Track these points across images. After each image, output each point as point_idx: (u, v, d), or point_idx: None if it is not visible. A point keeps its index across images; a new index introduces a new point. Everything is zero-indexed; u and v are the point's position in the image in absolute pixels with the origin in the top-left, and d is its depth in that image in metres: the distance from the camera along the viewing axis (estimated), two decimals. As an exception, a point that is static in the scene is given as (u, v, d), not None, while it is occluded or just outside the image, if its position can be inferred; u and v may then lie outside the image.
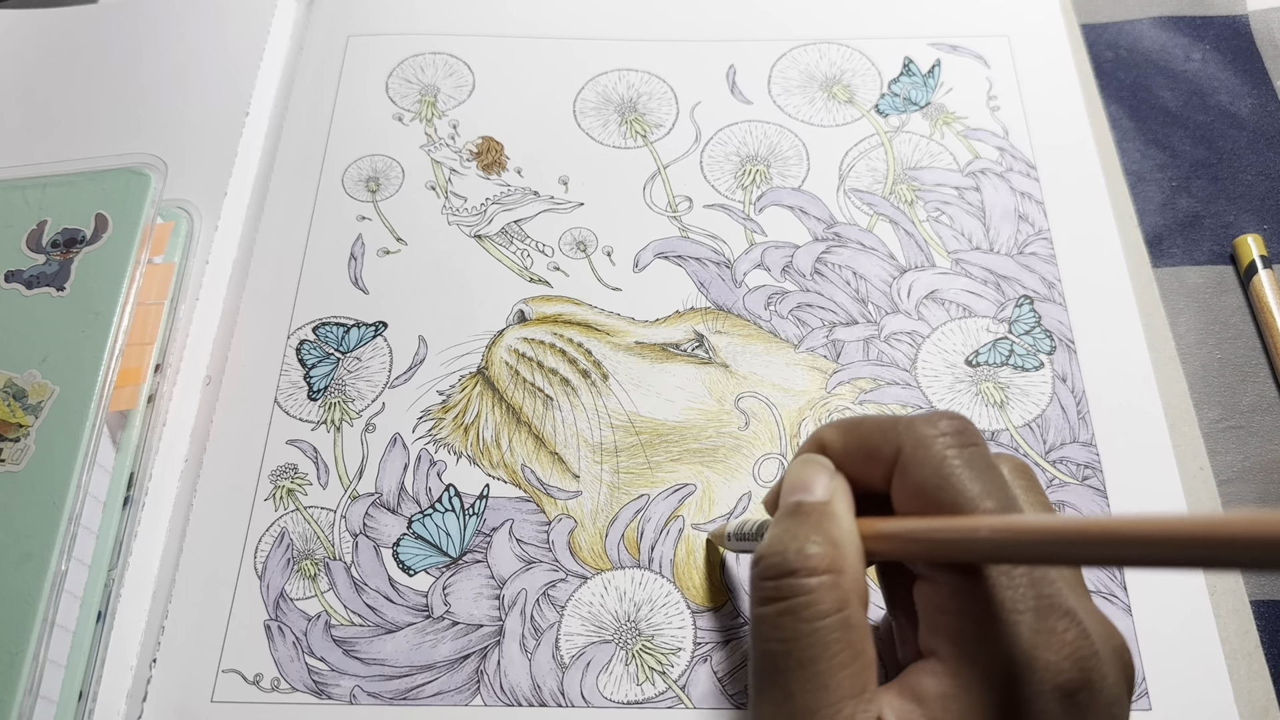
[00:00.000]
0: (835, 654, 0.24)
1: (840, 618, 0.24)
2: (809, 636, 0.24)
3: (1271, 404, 0.39)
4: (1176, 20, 0.48)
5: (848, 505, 0.26)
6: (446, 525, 0.36)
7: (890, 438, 0.26)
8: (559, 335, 0.40)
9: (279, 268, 0.42)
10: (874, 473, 0.27)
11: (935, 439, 0.25)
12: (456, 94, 0.47)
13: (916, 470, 0.25)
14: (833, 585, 0.24)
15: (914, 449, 0.25)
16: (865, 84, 0.46)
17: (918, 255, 0.42)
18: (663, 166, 0.44)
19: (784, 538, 0.25)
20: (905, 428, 0.26)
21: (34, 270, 0.39)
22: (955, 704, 0.23)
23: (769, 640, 0.24)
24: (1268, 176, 0.44)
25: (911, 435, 0.26)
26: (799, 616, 0.24)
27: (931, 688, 0.24)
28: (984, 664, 0.23)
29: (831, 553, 0.25)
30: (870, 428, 0.27)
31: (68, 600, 0.33)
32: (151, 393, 0.38)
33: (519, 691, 0.34)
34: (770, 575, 0.25)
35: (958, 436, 0.25)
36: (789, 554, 0.25)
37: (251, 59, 0.47)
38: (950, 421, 0.26)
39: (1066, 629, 0.23)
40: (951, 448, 0.25)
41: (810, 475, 0.27)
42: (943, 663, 0.24)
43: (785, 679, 0.24)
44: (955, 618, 0.24)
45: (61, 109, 0.46)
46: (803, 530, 0.25)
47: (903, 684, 0.24)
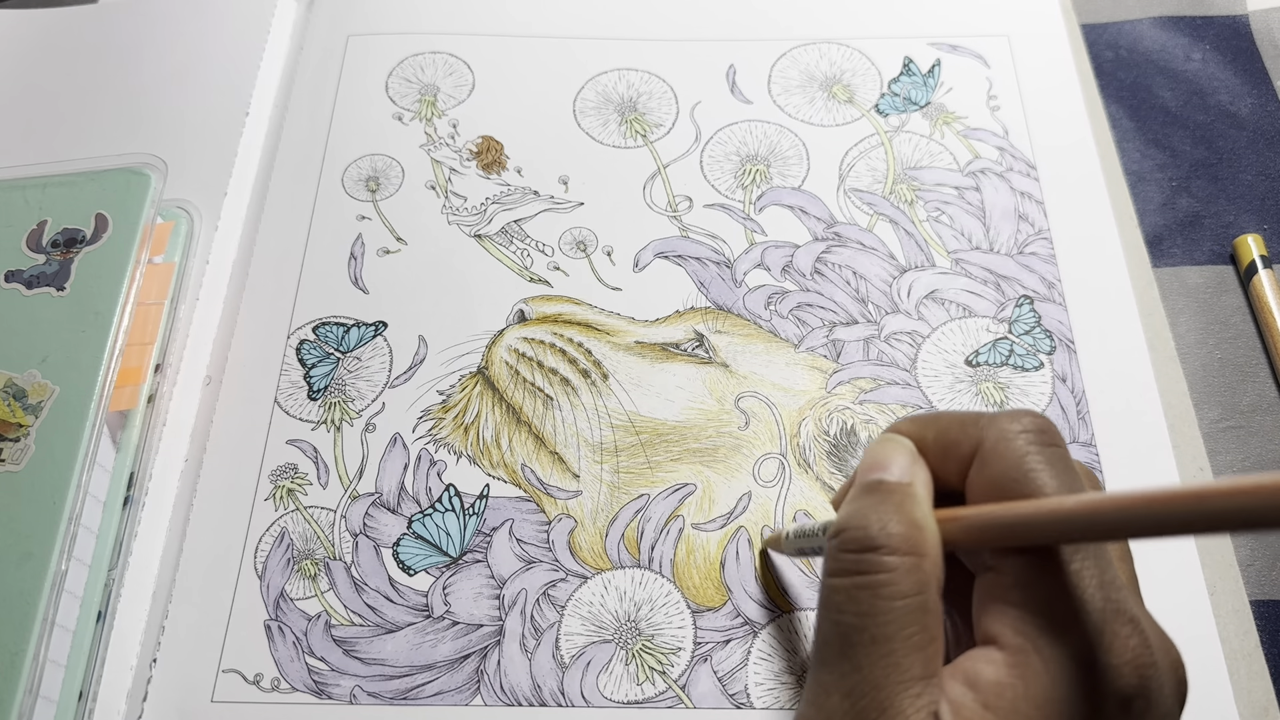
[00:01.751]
0: (911, 635, 0.23)
1: (919, 600, 0.24)
2: (886, 614, 0.24)
3: (1271, 404, 0.39)
4: (1176, 20, 0.48)
5: (928, 489, 0.26)
6: (446, 525, 0.36)
7: (970, 432, 0.26)
8: (559, 335, 0.40)
9: (279, 268, 0.42)
10: (949, 467, 0.26)
11: (1018, 434, 0.25)
12: (456, 93, 0.47)
13: (996, 464, 0.25)
14: (914, 567, 0.24)
15: (995, 443, 0.25)
16: (865, 84, 0.46)
17: (918, 255, 0.42)
18: (663, 166, 0.44)
19: (866, 512, 0.25)
20: (988, 422, 0.26)
21: (34, 270, 0.39)
22: (1010, 692, 0.23)
23: (843, 612, 0.24)
24: (1268, 176, 0.44)
25: (994, 429, 0.25)
26: (878, 593, 0.24)
27: (988, 674, 0.23)
28: (1044, 657, 0.23)
29: (914, 534, 0.24)
30: (949, 421, 0.27)
31: (68, 600, 0.33)
32: (151, 393, 0.38)
33: (519, 691, 0.34)
34: (851, 548, 0.25)
35: (1040, 434, 0.25)
36: (872, 529, 0.24)
37: (251, 59, 0.47)
38: (1034, 419, 0.25)
39: (1130, 635, 0.23)
40: (1034, 444, 0.25)
41: (890, 454, 0.27)
42: (1002, 651, 0.24)
43: (856, 653, 0.24)
44: (1018, 609, 0.24)
45: (61, 109, 0.46)
46: (885, 508, 0.25)
47: (958, 669, 0.24)
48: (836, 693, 0.24)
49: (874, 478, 0.26)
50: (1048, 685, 0.23)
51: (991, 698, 0.23)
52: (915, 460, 0.27)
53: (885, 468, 0.26)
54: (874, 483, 0.26)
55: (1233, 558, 0.35)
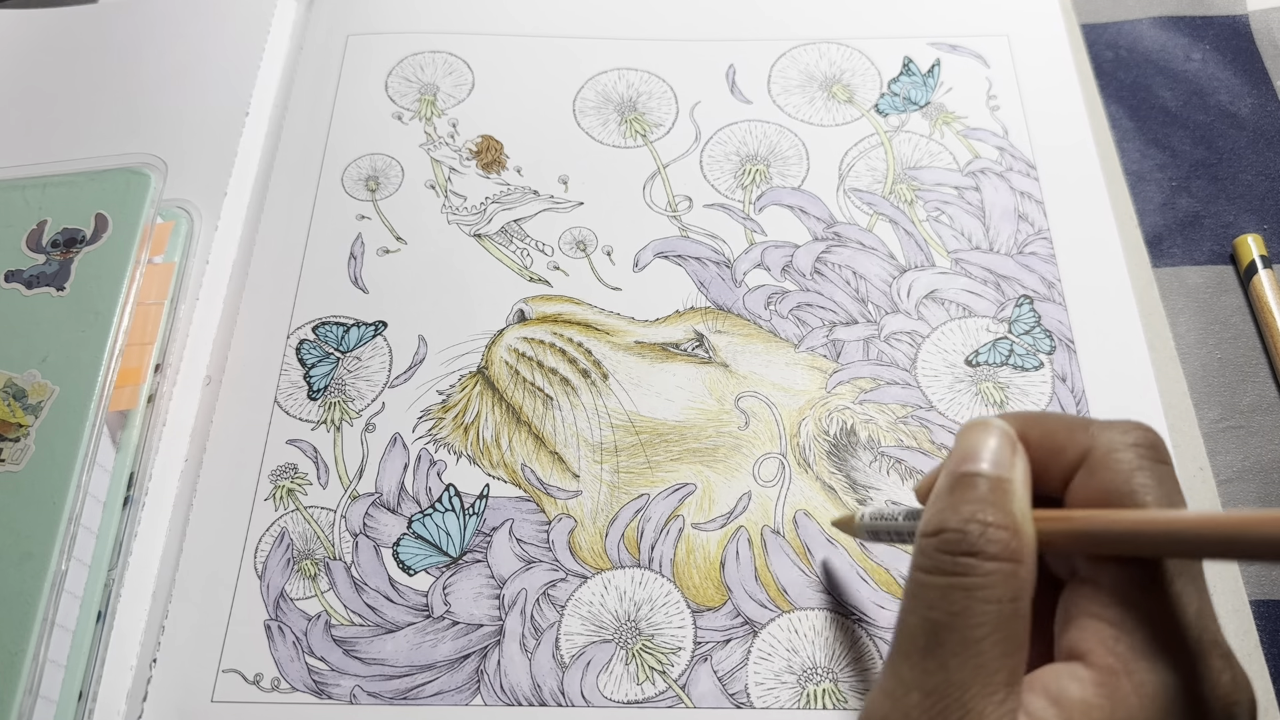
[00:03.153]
0: (1001, 640, 0.23)
1: (1014, 606, 0.23)
2: (979, 616, 0.23)
3: (1271, 404, 0.39)
4: (1176, 20, 0.48)
5: (1027, 484, 0.25)
6: (446, 525, 0.36)
7: (1078, 438, 0.25)
8: (559, 335, 0.40)
9: (279, 267, 0.42)
10: (1051, 471, 0.26)
11: (1130, 446, 0.24)
12: (456, 93, 0.47)
13: (1105, 474, 0.24)
14: (1011, 574, 0.23)
15: (1106, 452, 0.24)
16: (865, 83, 0.46)
17: (917, 255, 0.42)
18: (662, 166, 0.44)
19: (965, 512, 0.24)
20: (1099, 430, 0.25)
21: (34, 270, 0.39)
22: (1096, 714, 0.22)
23: (934, 609, 0.23)
24: (1268, 176, 0.44)
25: (1105, 438, 0.25)
26: (973, 595, 0.23)
27: (1073, 691, 0.22)
28: (1135, 681, 0.22)
29: (1013, 541, 0.24)
30: (1057, 423, 0.26)
31: (68, 600, 0.33)
32: (151, 393, 0.38)
33: (519, 691, 0.34)
34: (949, 550, 0.24)
35: (1152, 450, 0.24)
36: (972, 534, 0.24)
37: (251, 59, 0.47)
38: (1147, 433, 0.25)
39: (1223, 670, 0.22)
40: (1146, 459, 0.24)
41: (985, 442, 0.25)
42: (1090, 670, 0.23)
43: (943, 651, 0.23)
44: (1113, 627, 0.23)
45: (61, 109, 0.46)
46: (984, 507, 0.24)
47: (1039, 682, 0.23)
48: (917, 690, 0.23)
49: (968, 469, 0.25)
50: (1135, 709, 0.22)
51: (1077, 715, 0.22)
52: (1014, 449, 0.25)
53: (980, 457, 0.25)
54: (969, 475, 0.25)
55: (1232, 558, 0.35)
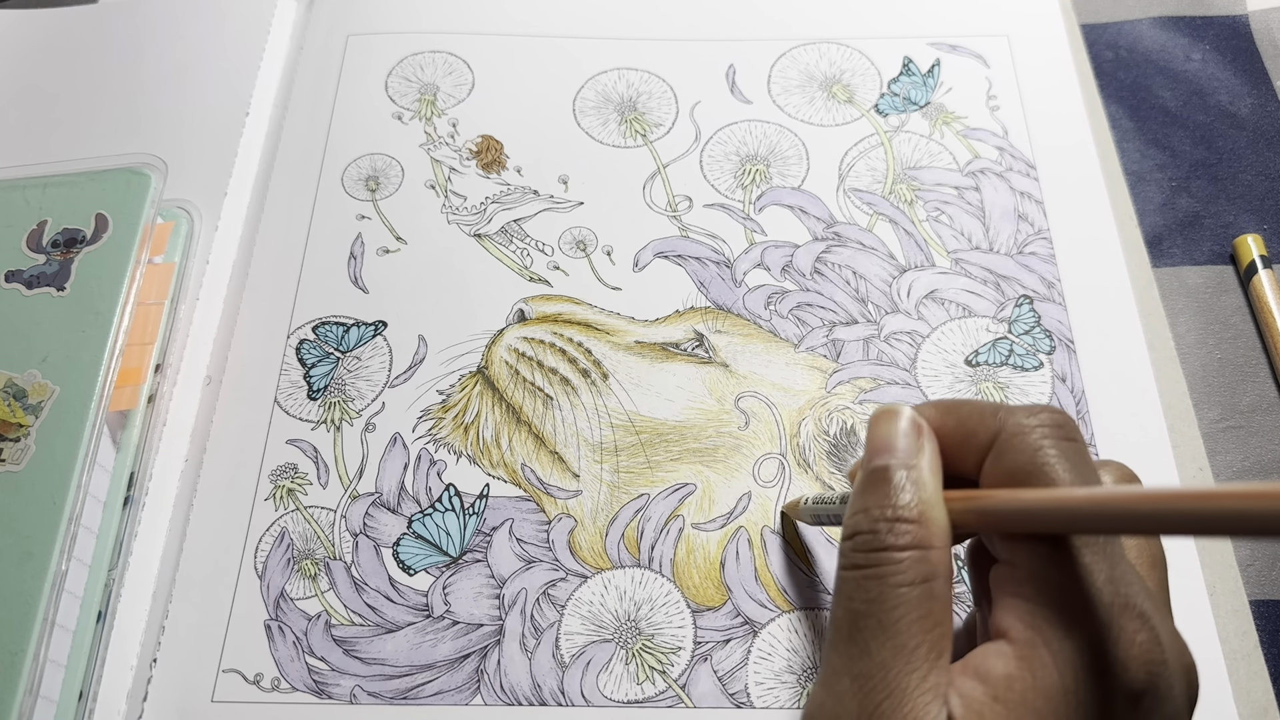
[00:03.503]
0: (916, 618, 0.24)
1: (925, 588, 0.24)
2: (892, 599, 0.24)
3: (1271, 404, 0.39)
4: (1176, 20, 0.48)
5: (935, 469, 0.26)
6: (446, 525, 0.37)
7: (988, 423, 0.26)
8: (559, 334, 0.40)
9: (279, 267, 0.42)
10: (968, 457, 0.27)
11: (1034, 428, 0.25)
12: (456, 92, 0.47)
13: (1011, 456, 0.25)
14: (921, 559, 0.25)
15: (1011, 435, 0.25)
16: (865, 83, 0.46)
17: (917, 255, 0.42)
18: (662, 166, 0.44)
19: (874, 513, 0.25)
20: (1005, 414, 0.26)
21: (34, 270, 0.39)
22: (1019, 684, 0.23)
23: (853, 599, 0.25)
24: (1268, 176, 0.44)
25: (1011, 422, 0.26)
26: (885, 582, 0.24)
27: (998, 668, 0.24)
28: (1053, 650, 0.23)
29: (920, 531, 0.25)
30: (969, 411, 0.27)
31: (68, 600, 0.34)
32: (151, 393, 0.38)
33: (519, 691, 0.34)
34: (863, 549, 0.25)
35: (1056, 429, 0.25)
36: (881, 532, 0.25)
37: (251, 59, 0.47)
38: (1051, 415, 0.26)
39: (1138, 630, 0.23)
40: (1049, 438, 0.25)
41: (895, 433, 0.27)
42: (1012, 645, 0.24)
43: (864, 636, 0.24)
44: (1029, 602, 0.24)
45: (61, 109, 0.46)
46: (892, 502, 0.25)
47: (969, 663, 0.24)
48: (846, 675, 0.24)
49: (879, 463, 0.26)
50: (1056, 678, 0.23)
51: (1001, 690, 0.23)
52: (920, 435, 0.27)
53: (890, 449, 0.26)
54: (880, 470, 0.26)
55: (1232, 558, 0.35)
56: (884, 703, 0.23)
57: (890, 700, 0.23)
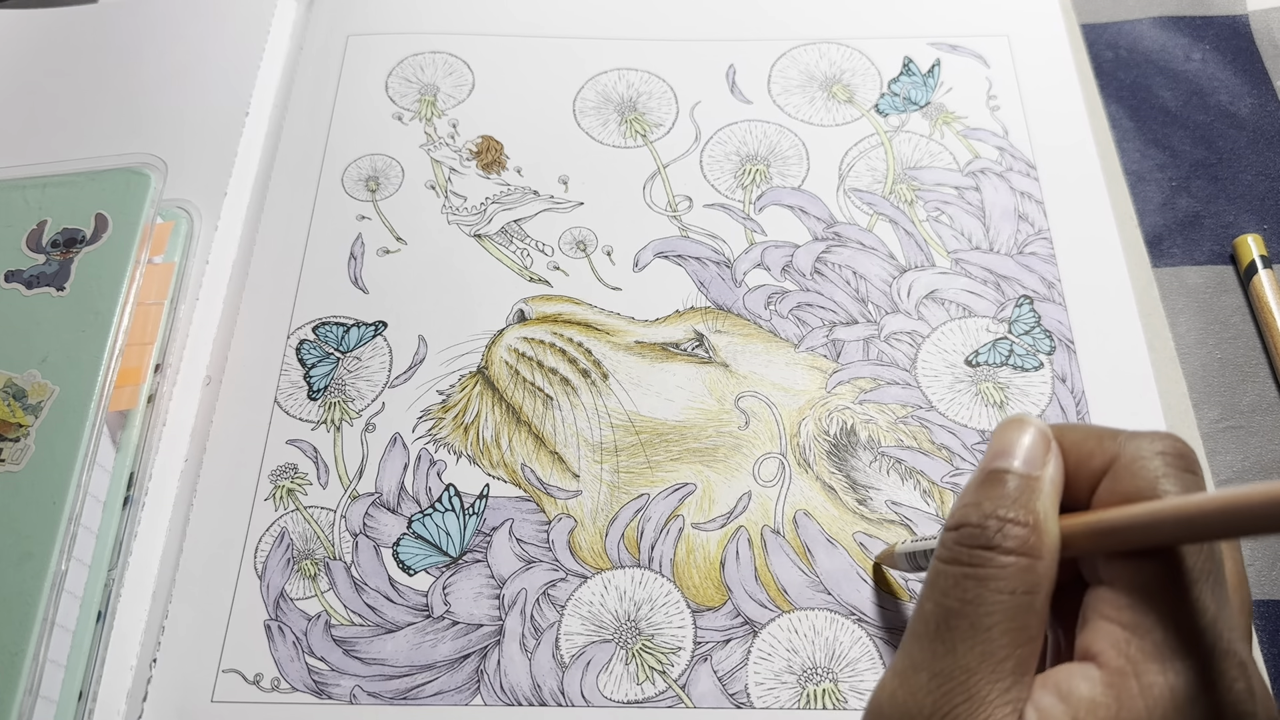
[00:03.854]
0: (1010, 630, 0.23)
1: (1026, 599, 0.23)
2: (990, 605, 0.23)
3: (1271, 404, 0.39)
4: (1176, 20, 0.48)
5: (1057, 485, 0.25)
6: (446, 525, 0.37)
7: (1107, 446, 0.25)
8: (559, 335, 0.40)
9: (279, 267, 0.42)
10: (1079, 480, 0.26)
11: (1156, 455, 0.24)
12: (456, 93, 0.47)
13: (1129, 481, 0.24)
14: (1028, 568, 0.24)
15: (1131, 460, 0.25)
16: (865, 83, 0.46)
17: (917, 255, 0.42)
18: (662, 166, 0.44)
19: (986, 508, 0.25)
20: (1126, 439, 0.25)
21: (34, 270, 0.39)
22: (1102, 711, 0.22)
23: (948, 595, 0.24)
24: (1268, 176, 0.44)
25: (1131, 447, 0.25)
26: (985, 585, 0.24)
27: (1082, 689, 0.23)
28: (1143, 684, 0.22)
29: (1032, 538, 0.24)
30: (1085, 433, 0.26)
31: (68, 600, 0.34)
32: (151, 393, 0.38)
33: (519, 691, 0.34)
34: (967, 543, 0.24)
35: (1179, 459, 0.24)
36: (990, 529, 0.24)
37: (251, 59, 0.47)
38: (1174, 443, 0.25)
39: (1237, 679, 0.22)
40: (1171, 468, 0.24)
41: (1018, 439, 0.26)
42: (1101, 670, 0.23)
43: (952, 635, 0.23)
44: (1127, 630, 0.23)
45: (61, 109, 0.46)
46: (1006, 503, 0.24)
47: (1050, 678, 0.24)
48: (925, 670, 0.24)
49: (998, 465, 0.25)
50: (1141, 711, 0.22)
51: (1083, 713, 0.22)
52: (1047, 446, 0.26)
53: (1012, 454, 0.25)
54: (998, 472, 0.25)
55: (1232, 557, 0.35)
56: (961, 706, 0.23)
57: (968, 705, 0.23)
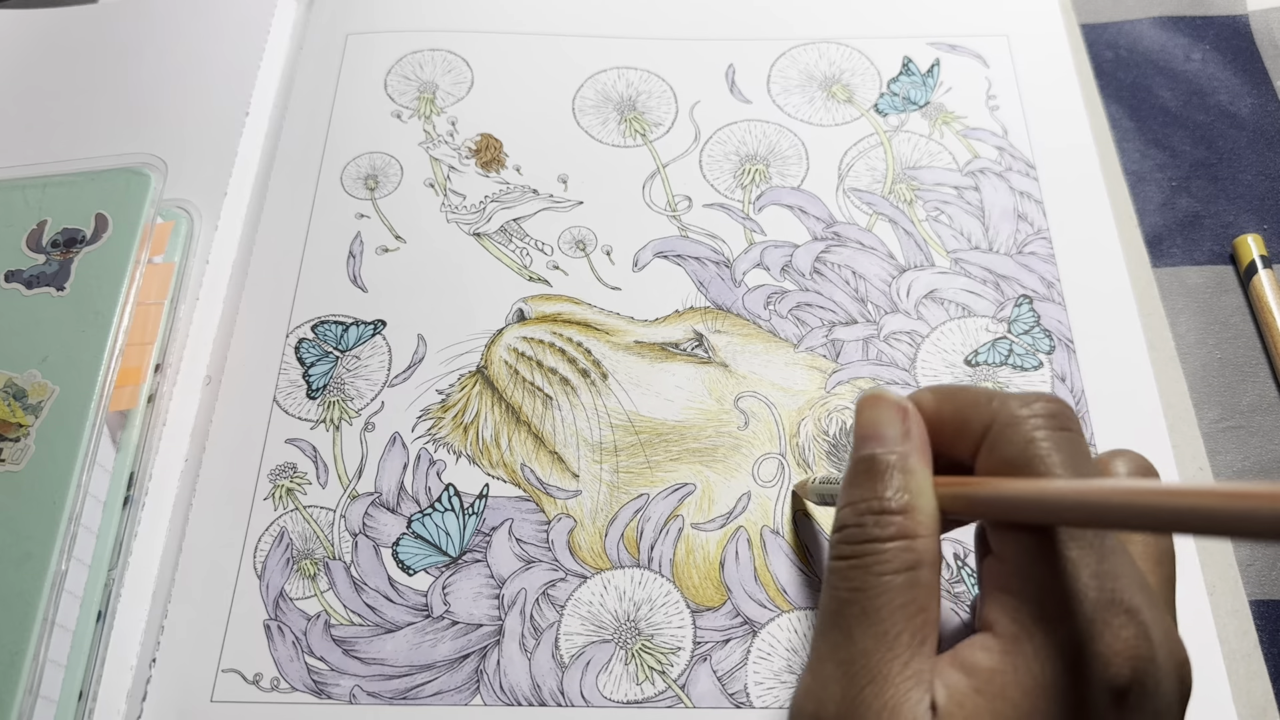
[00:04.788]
0: (899, 605, 0.24)
1: (909, 575, 0.25)
2: (876, 588, 0.25)
3: (1271, 404, 0.39)
4: (1176, 20, 0.48)
5: (924, 456, 0.26)
6: (446, 525, 0.37)
7: (983, 411, 0.26)
8: (558, 334, 0.40)
9: (278, 267, 0.42)
10: (963, 445, 0.26)
11: (1027, 419, 0.25)
12: (455, 91, 0.47)
13: (1004, 447, 0.25)
14: (905, 548, 0.25)
15: (1004, 426, 0.25)
16: (864, 83, 0.46)
17: (917, 255, 0.42)
18: (662, 165, 0.44)
19: (860, 505, 0.26)
20: (1000, 402, 0.26)
21: (34, 270, 0.39)
22: (1001, 679, 0.23)
23: (838, 587, 0.25)
24: (1268, 176, 0.44)
25: (1005, 411, 0.25)
26: (869, 571, 0.25)
27: (983, 661, 0.24)
28: (1037, 645, 0.23)
29: (906, 522, 0.25)
30: (966, 398, 0.27)
31: (68, 600, 0.34)
32: (151, 393, 0.38)
33: (519, 691, 0.34)
34: (849, 541, 0.26)
35: (1051, 419, 0.25)
36: (867, 524, 0.25)
37: (251, 59, 0.47)
38: (1046, 404, 0.25)
39: (1124, 626, 0.23)
40: (1042, 429, 0.25)
41: (884, 420, 0.27)
42: (997, 639, 0.24)
43: (848, 623, 0.25)
44: (1015, 597, 0.24)
45: (61, 109, 0.46)
46: (879, 493, 0.26)
47: (955, 655, 0.25)
48: (830, 661, 0.25)
49: (865, 452, 0.27)
50: (1037, 672, 0.23)
51: (983, 682, 0.23)
52: (906, 419, 0.27)
53: (877, 437, 0.27)
54: (866, 460, 0.26)
55: (1232, 558, 0.35)
56: (866, 688, 0.24)
57: (873, 686, 0.24)
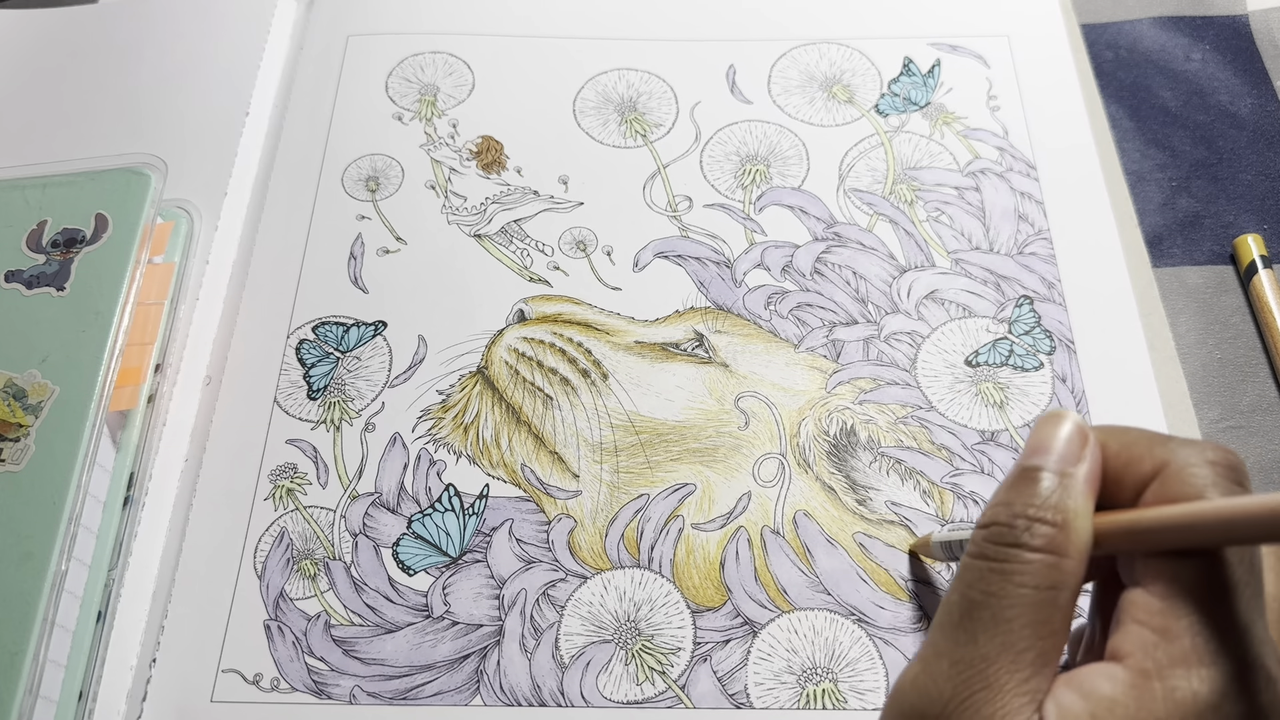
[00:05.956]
0: (1032, 623, 0.24)
1: (1050, 594, 0.24)
2: (1012, 598, 0.24)
3: (1271, 404, 0.39)
4: (1176, 20, 0.48)
5: (1092, 482, 0.25)
6: (446, 525, 0.37)
7: (1157, 452, 0.25)
8: (559, 335, 0.40)
9: (279, 267, 0.42)
10: (1125, 485, 0.26)
11: (1207, 464, 0.24)
12: (456, 93, 0.47)
13: (1176, 489, 0.24)
14: (1053, 565, 0.24)
15: (1179, 469, 0.24)
16: (865, 84, 0.46)
17: (917, 255, 0.42)
18: (662, 166, 0.44)
19: (1016, 508, 0.25)
20: (1177, 446, 0.25)
21: (34, 270, 0.39)
22: (1120, 711, 0.22)
23: (972, 587, 0.24)
24: (1268, 176, 0.44)
25: (1182, 454, 0.25)
26: (1009, 579, 0.24)
27: (1104, 688, 0.23)
28: (1167, 688, 0.22)
29: (1059, 536, 0.24)
30: (1136, 437, 0.26)
31: (68, 600, 0.34)
32: (151, 393, 0.38)
33: (519, 691, 0.34)
34: (994, 540, 0.25)
35: (1228, 471, 0.24)
36: (1018, 528, 0.24)
37: (251, 59, 0.47)
38: (1225, 454, 0.25)
39: (1262, 691, 0.22)
40: (1220, 479, 0.24)
41: (1054, 436, 0.26)
42: (1126, 671, 0.23)
43: (974, 625, 0.24)
44: (1157, 634, 0.23)
45: (61, 109, 0.46)
46: (1036, 501, 0.25)
47: (1074, 677, 0.24)
48: (947, 658, 0.24)
49: (1032, 462, 0.25)
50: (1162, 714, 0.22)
51: (1101, 711, 0.23)
52: (1084, 443, 0.26)
53: (1046, 451, 0.25)
54: (1031, 469, 0.25)
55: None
56: (979, 693, 0.23)
57: (986, 693, 0.23)
